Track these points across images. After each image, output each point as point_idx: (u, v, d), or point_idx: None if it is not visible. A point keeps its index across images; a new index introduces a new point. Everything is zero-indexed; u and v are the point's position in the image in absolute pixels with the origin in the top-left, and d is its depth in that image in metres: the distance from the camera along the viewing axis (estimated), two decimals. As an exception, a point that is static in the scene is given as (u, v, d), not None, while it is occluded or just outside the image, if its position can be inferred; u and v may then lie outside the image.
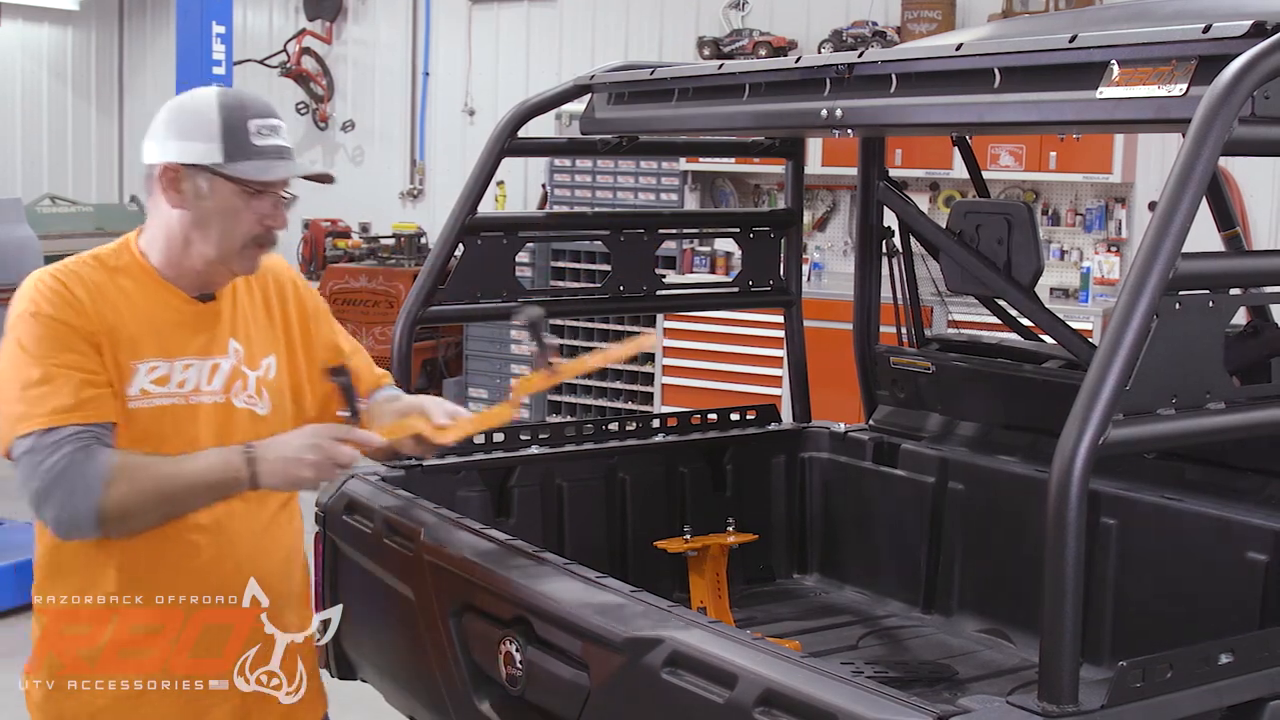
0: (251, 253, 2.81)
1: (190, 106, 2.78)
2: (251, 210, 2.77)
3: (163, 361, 2.76)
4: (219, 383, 2.82)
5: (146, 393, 2.73)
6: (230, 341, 2.86)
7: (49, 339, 2.66)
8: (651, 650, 2.55)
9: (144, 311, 2.77)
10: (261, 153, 2.76)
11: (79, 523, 2.62)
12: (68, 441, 2.60)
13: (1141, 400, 2.16)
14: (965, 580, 4.09)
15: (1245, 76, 2.17)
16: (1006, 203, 4.31)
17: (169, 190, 2.75)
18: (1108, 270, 9.41)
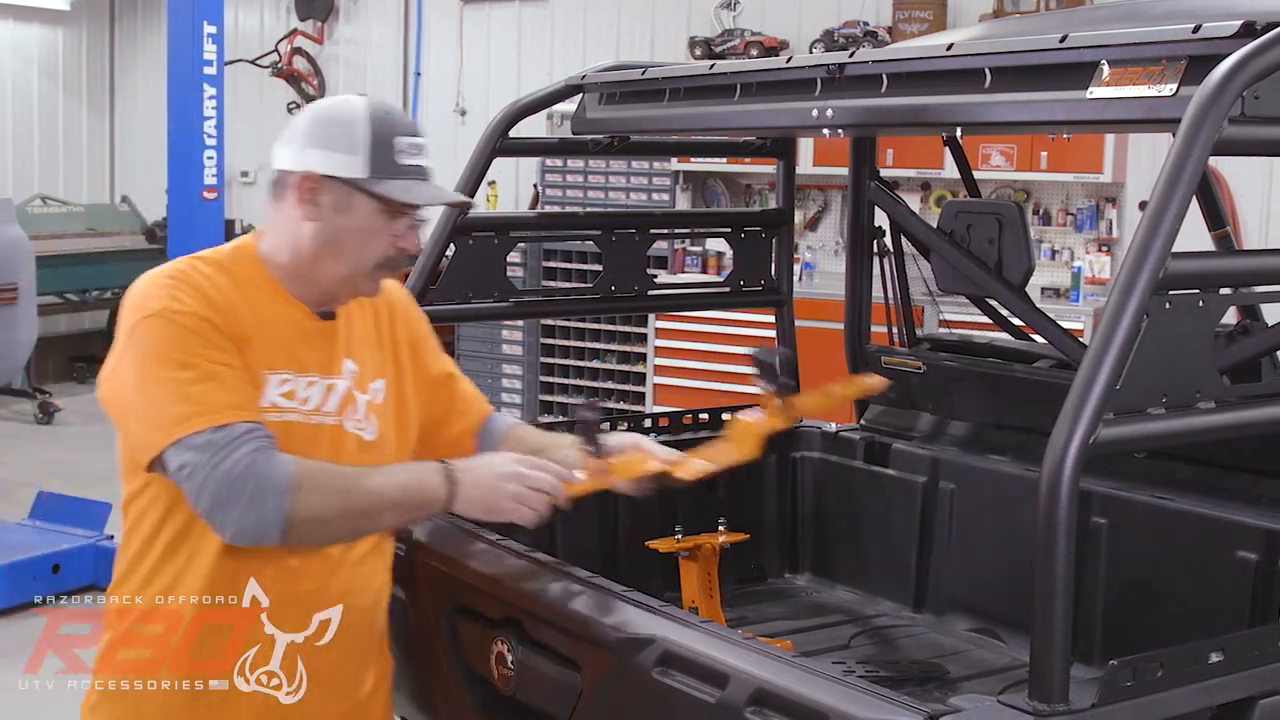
0: (380, 274, 2.71)
1: (336, 116, 2.66)
2: (388, 231, 2.65)
3: (292, 375, 2.65)
4: (333, 404, 2.71)
5: (277, 406, 2.61)
6: (345, 362, 2.75)
7: (193, 337, 2.52)
8: (643, 650, 2.55)
9: (270, 322, 2.64)
10: (406, 172, 2.64)
11: (265, 530, 2.46)
12: (245, 440, 2.46)
13: (1132, 400, 2.16)
14: (956, 580, 4.10)
15: (1235, 76, 2.18)
16: (997, 202, 4.32)
17: (305, 201, 2.62)
18: (1098, 270, 9.42)
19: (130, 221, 13.14)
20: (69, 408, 12.11)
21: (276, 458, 2.48)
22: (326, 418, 2.69)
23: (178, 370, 2.49)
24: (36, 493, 7.96)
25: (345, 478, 2.56)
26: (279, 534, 2.47)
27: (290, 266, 2.67)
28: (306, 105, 2.80)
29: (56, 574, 7.06)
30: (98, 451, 10.71)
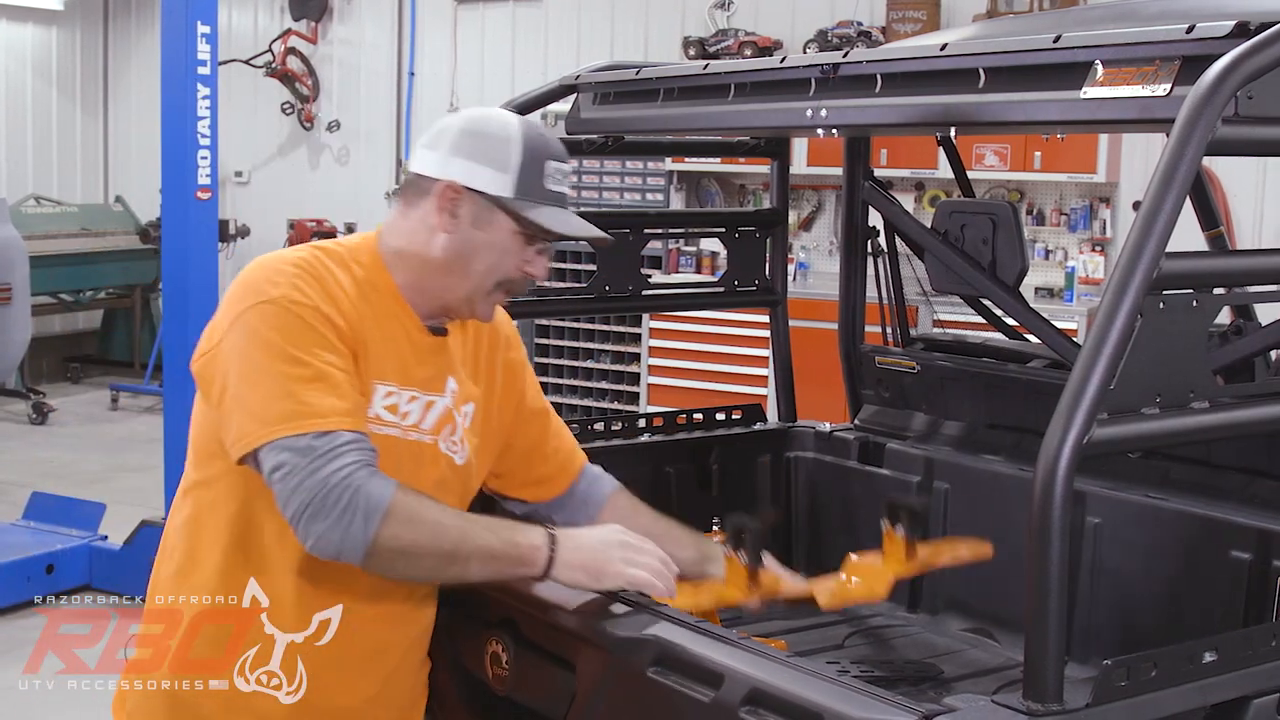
0: (497, 297, 2.64)
1: (489, 129, 2.59)
2: (519, 254, 2.60)
3: (397, 388, 2.58)
4: (431, 422, 2.64)
5: (380, 419, 2.54)
6: (449, 380, 2.69)
7: (310, 333, 2.45)
8: (638, 650, 2.54)
9: (384, 328, 2.58)
10: (551, 198, 2.59)
11: (348, 549, 2.37)
12: (348, 451, 2.37)
13: (1126, 400, 2.17)
14: (950, 579, 4.09)
15: (1228, 76, 2.18)
16: (991, 202, 4.32)
17: (443, 211, 2.56)
18: (1092, 270, 9.44)
19: (124, 221, 13.13)
20: (63, 408, 12.11)
21: (378, 477, 2.39)
22: (424, 435, 2.63)
23: (289, 365, 2.41)
24: (30, 493, 7.96)
25: (443, 516, 2.46)
26: (361, 556, 2.39)
27: (413, 274, 2.61)
28: (456, 112, 2.70)
29: (50, 574, 7.06)
30: (92, 452, 10.74)
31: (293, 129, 13.65)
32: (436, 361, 2.66)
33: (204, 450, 2.59)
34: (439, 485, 2.65)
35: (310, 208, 13.01)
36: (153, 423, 11.05)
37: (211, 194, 6.90)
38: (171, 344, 7.14)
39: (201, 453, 2.60)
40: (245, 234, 12.65)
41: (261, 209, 13.38)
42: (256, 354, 2.43)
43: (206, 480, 2.60)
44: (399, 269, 2.61)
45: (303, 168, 13.72)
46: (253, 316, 2.45)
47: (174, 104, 6.88)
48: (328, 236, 12.15)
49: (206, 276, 6.97)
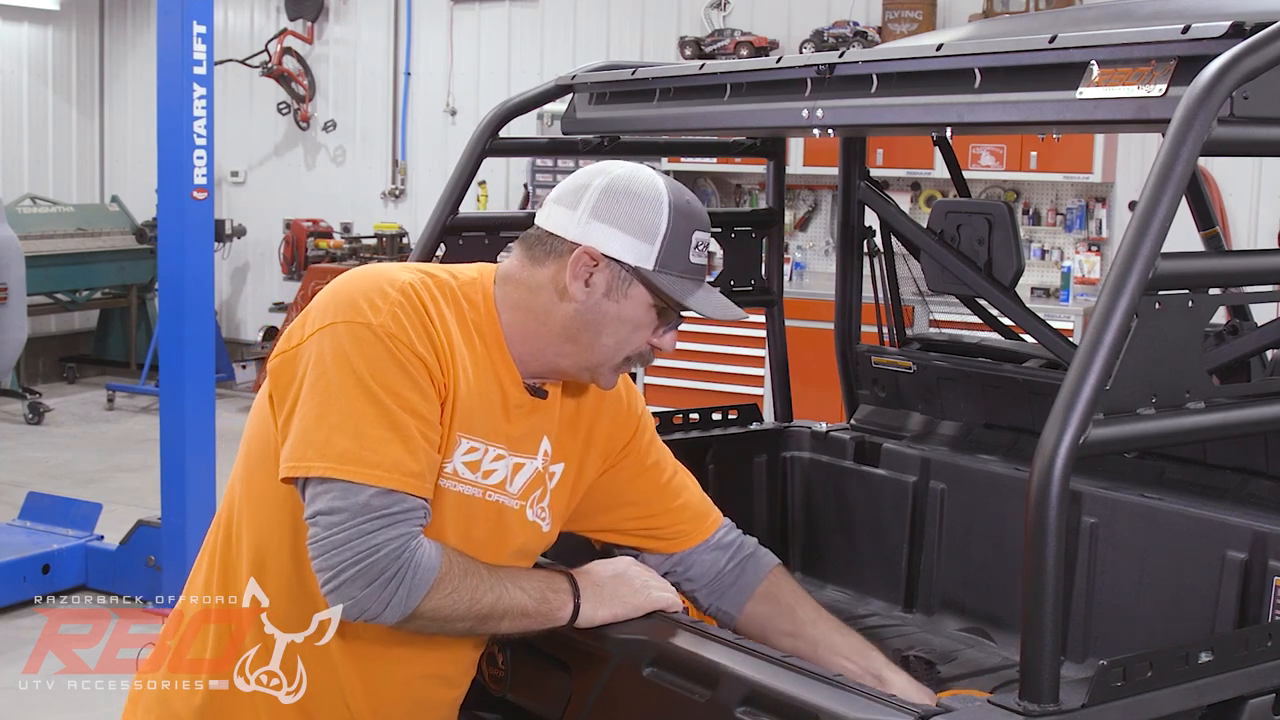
0: (623, 368, 2.49)
1: (636, 192, 2.39)
2: (650, 327, 2.43)
3: (480, 443, 2.40)
4: (518, 485, 2.49)
5: (458, 475, 2.39)
6: (543, 441, 2.52)
7: (398, 369, 2.27)
8: (634, 651, 2.54)
9: (479, 379, 2.40)
10: (695, 271, 2.42)
11: (384, 614, 2.26)
12: (405, 519, 2.23)
13: (1122, 400, 2.17)
14: (946, 579, 4.10)
15: (1224, 77, 2.18)
16: (987, 202, 4.32)
17: (577, 279, 2.38)
18: (1088, 270, 9.45)
19: (120, 221, 13.12)
20: (59, 408, 12.11)
21: (428, 548, 2.26)
22: (509, 499, 2.49)
23: (366, 400, 2.24)
24: (26, 493, 7.96)
25: (480, 582, 2.33)
26: (397, 621, 2.28)
27: (527, 332, 2.44)
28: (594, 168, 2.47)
29: (46, 574, 7.05)
30: (87, 452, 10.73)
31: (289, 129, 13.64)
32: (530, 422, 2.51)
33: (265, 453, 2.43)
34: (520, 553, 2.55)
35: (306, 208, 13.01)
36: (149, 423, 11.04)
37: (207, 194, 6.90)
38: (167, 344, 7.13)
39: (260, 455, 2.45)
40: (241, 234, 12.64)
41: (257, 209, 13.38)
42: (336, 376, 2.26)
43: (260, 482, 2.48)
44: (512, 321, 2.44)
45: (299, 168, 13.71)
46: (344, 334, 2.28)
47: (170, 104, 6.88)
48: (324, 237, 12.21)
49: (202, 277, 6.97)
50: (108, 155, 14.88)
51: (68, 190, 14.29)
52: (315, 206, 13.03)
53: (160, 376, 7.57)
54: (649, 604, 2.54)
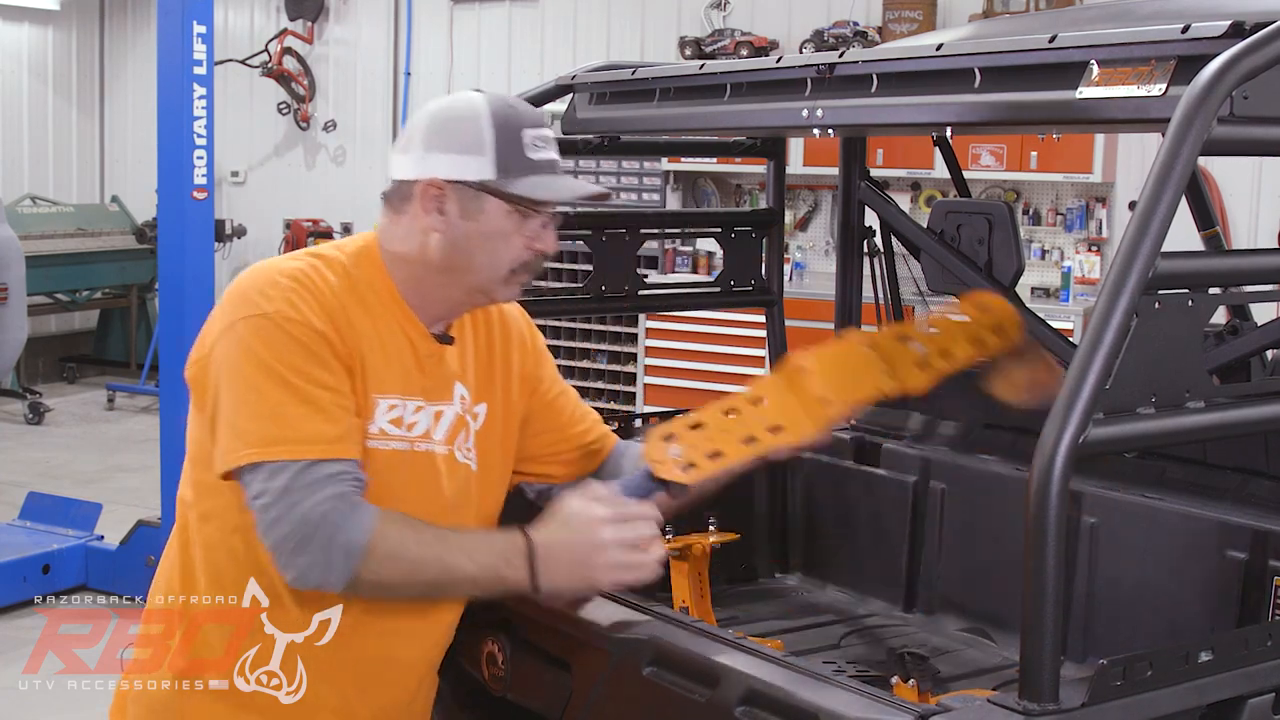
0: (516, 279, 2.54)
1: (456, 114, 2.50)
2: (522, 233, 2.49)
3: (400, 399, 2.50)
4: (442, 432, 2.57)
5: (384, 433, 2.47)
6: (456, 386, 2.61)
7: (302, 351, 2.37)
8: (634, 650, 2.55)
9: (387, 339, 2.50)
10: (538, 167, 2.48)
11: (329, 584, 2.35)
12: (329, 483, 2.32)
13: (1121, 399, 2.17)
14: (947, 579, 4.10)
15: (1224, 76, 2.18)
16: (987, 202, 4.32)
17: (430, 211, 2.47)
18: (1088, 269, 9.44)
19: (120, 221, 13.13)
20: (59, 408, 12.11)
21: (358, 512, 2.33)
22: (437, 446, 2.57)
23: (277, 385, 2.35)
24: (26, 493, 7.96)
25: (423, 549, 2.39)
26: (342, 589, 2.37)
27: (415, 277, 2.53)
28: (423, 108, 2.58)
29: (46, 574, 7.06)
30: (88, 452, 10.74)
31: (289, 129, 13.64)
32: (443, 369, 2.60)
33: (200, 458, 2.53)
34: (459, 494, 2.61)
35: (306, 208, 13.01)
36: (149, 423, 11.05)
37: (208, 194, 6.90)
38: (167, 344, 7.13)
39: (198, 460, 2.55)
40: (241, 234, 12.64)
41: (258, 209, 13.38)
42: (247, 369, 2.37)
43: (205, 484, 2.55)
44: (400, 275, 2.54)
45: (299, 168, 13.71)
46: (244, 329, 2.40)
47: (170, 104, 6.88)
48: (324, 237, 12.21)
49: (202, 277, 6.97)
50: (108, 155, 14.88)
51: (68, 190, 14.29)
52: (315, 206, 13.03)
53: (160, 376, 7.58)
54: (611, 587, 2.50)
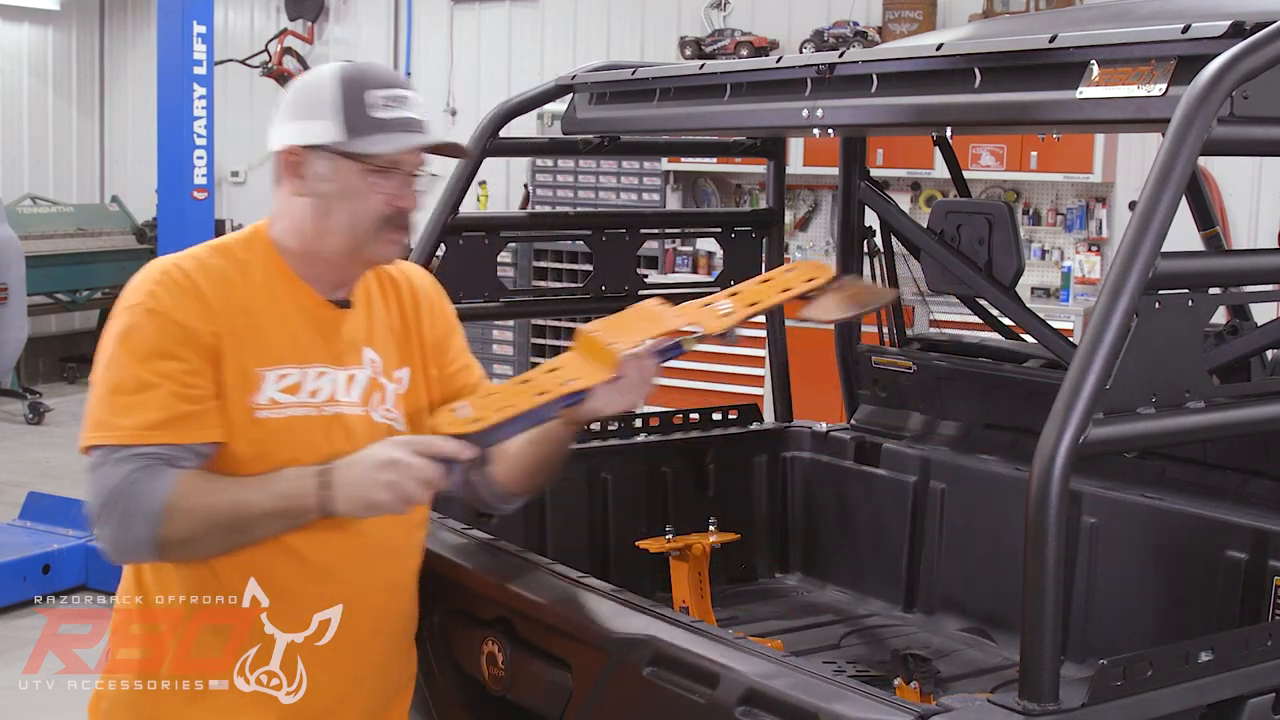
0: (386, 237, 2.57)
1: (307, 83, 2.59)
2: (378, 190, 2.53)
3: (294, 368, 2.55)
4: (356, 394, 2.62)
5: (276, 402, 2.52)
6: (365, 351, 2.66)
7: (156, 340, 2.46)
8: (634, 650, 2.55)
9: (275, 311, 2.57)
10: (385, 125, 2.52)
11: (137, 551, 2.45)
12: (134, 459, 2.41)
13: (1121, 399, 2.17)
14: (947, 579, 4.10)
15: (1224, 76, 2.18)
16: (987, 202, 4.32)
17: (291, 176, 2.56)
18: (1088, 269, 9.44)
19: (120, 221, 13.12)
20: (59, 408, 12.10)
21: (158, 478, 2.41)
22: (348, 408, 2.60)
23: (119, 374, 2.46)
24: (26, 493, 7.95)
25: (215, 496, 2.44)
26: (150, 555, 2.47)
27: (297, 248, 2.59)
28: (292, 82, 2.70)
29: (47, 574, 7.05)
30: (88, 452, 10.72)
31: (289, 129, 13.63)
32: (345, 336, 2.65)
33: None
34: None
35: (306, 208, 13.00)
36: (149, 423, 11.02)
37: (208, 194, 6.90)
38: (168, 344, 7.11)
39: None
40: (241, 234, 12.62)
41: (258, 209, 13.29)
42: (104, 359, 2.50)
43: None
44: (285, 247, 2.60)
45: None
46: (114, 323, 2.52)
47: (170, 104, 6.88)
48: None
49: (203, 276, 6.95)
50: (108, 155, 14.88)
51: (68, 190, 14.29)
52: (315, 206, 13.02)
53: (160, 376, 7.54)
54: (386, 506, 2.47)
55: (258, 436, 2.51)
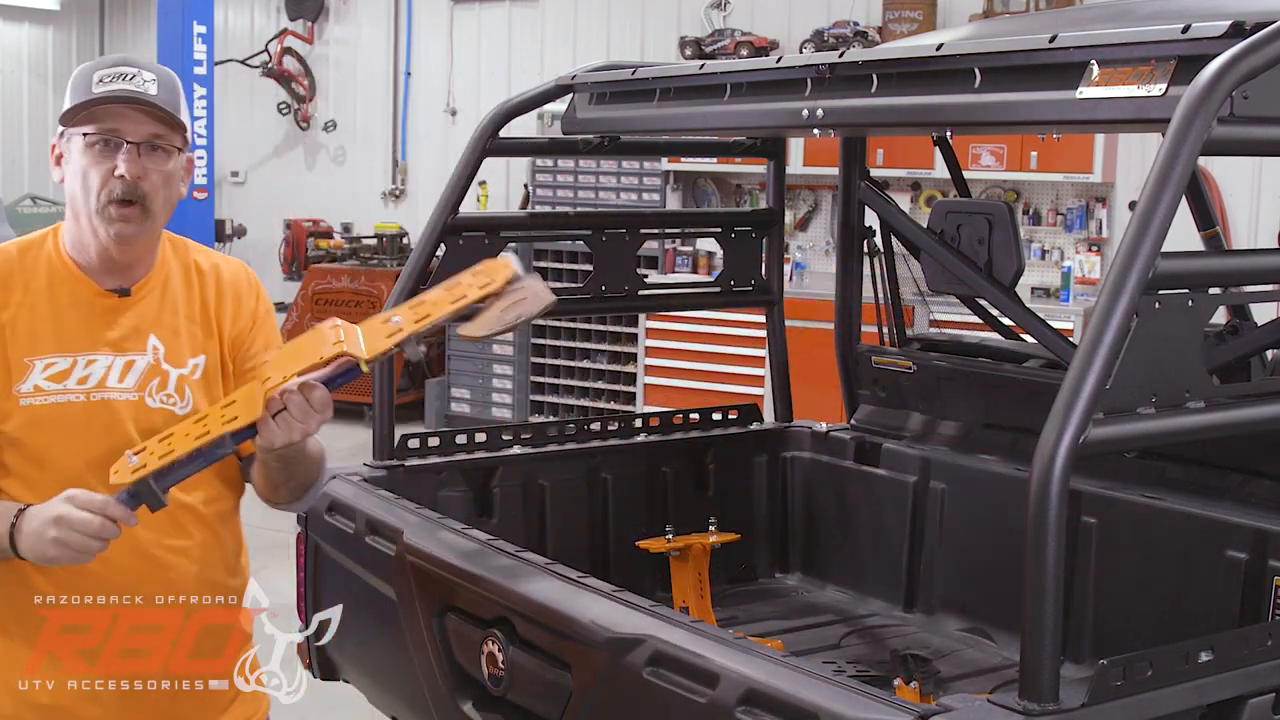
0: (110, 212, 2.56)
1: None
2: (100, 162, 2.55)
3: (61, 357, 2.62)
4: (132, 380, 2.66)
5: (40, 389, 2.59)
6: (150, 337, 2.70)
7: None
8: (634, 650, 2.55)
9: (49, 304, 2.64)
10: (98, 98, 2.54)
11: None
12: None
13: (1121, 399, 2.17)
14: (947, 579, 4.10)
15: (1224, 76, 2.18)
16: (987, 202, 4.32)
17: (57, 164, 2.64)
18: (1088, 269, 9.43)
19: (118, 221, 13.11)
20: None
21: None
22: (118, 394, 2.64)
23: None
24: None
25: None
26: None
27: (72, 238, 2.65)
28: None
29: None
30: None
31: (289, 129, 13.63)
32: (128, 322, 2.68)
33: None
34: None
35: (306, 208, 12.99)
36: (149, 423, 11.02)
37: (208, 194, 6.92)
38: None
39: None
40: (242, 234, 12.64)
41: (258, 209, 13.37)
42: None
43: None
44: (68, 239, 2.66)
45: (299, 168, 13.71)
46: None
47: (170, 104, 6.87)
48: (325, 236, 12.21)
49: (203, 276, 6.96)
50: (108, 155, 14.87)
51: (68, 190, 14.29)
52: (315, 206, 13.01)
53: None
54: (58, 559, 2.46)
55: (22, 421, 2.57)
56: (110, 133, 2.55)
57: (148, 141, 2.58)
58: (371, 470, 3.74)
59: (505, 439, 4.09)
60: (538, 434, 4.19)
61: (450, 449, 3.94)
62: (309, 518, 3.64)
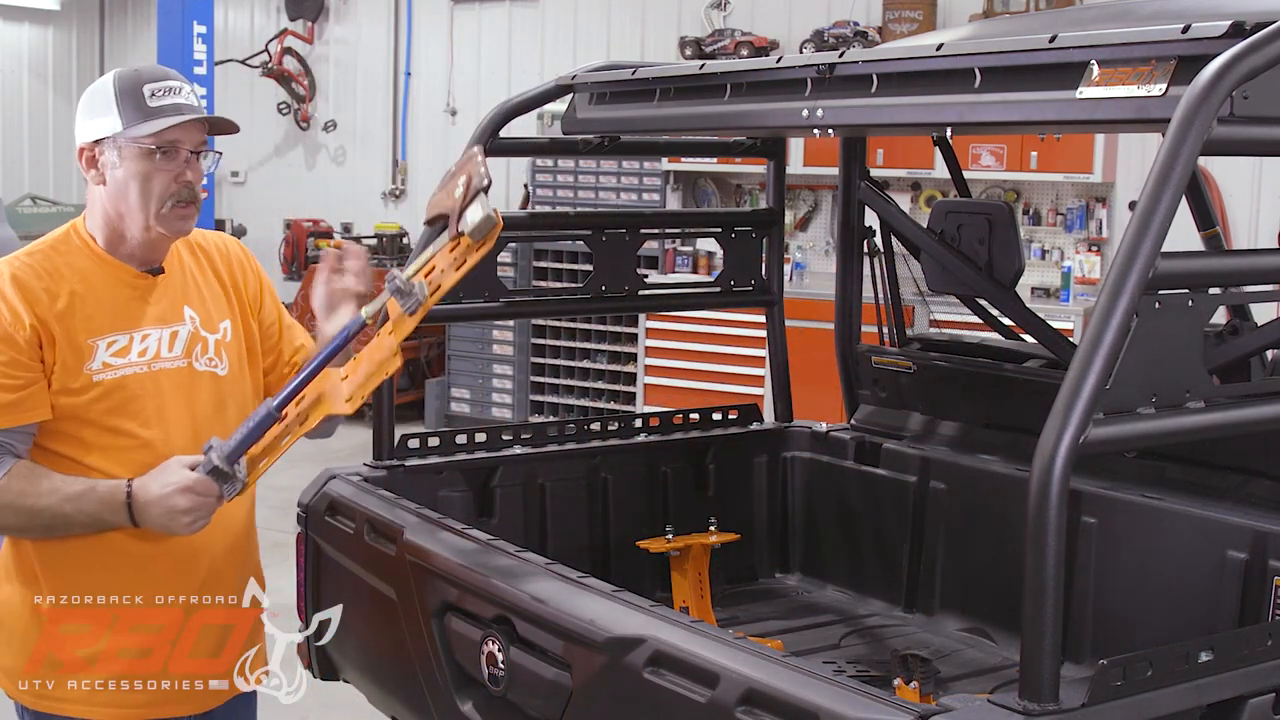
0: (176, 212, 2.87)
1: (94, 89, 2.92)
2: (163, 170, 2.83)
3: (121, 335, 2.87)
4: (179, 348, 2.95)
5: (109, 365, 2.84)
6: (185, 309, 2.99)
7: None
8: (634, 650, 2.55)
9: (98, 290, 2.87)
10: (158, 112, 2.83)
11: None
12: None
13: (1121, 399, 2.17)
14: (947, 579, 4.10)
15: (1224, 76, 2.18)
16: (987, 202, 4.32)
17: (89, 169, 2.88)
18: (1088, 269, 9.44)
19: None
20: (59, 408, 12.07)
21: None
22: (171, 362, 2.93)
23: None
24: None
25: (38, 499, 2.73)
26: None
27: (106, 231, 2.90)
28: None
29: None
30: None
31: (289, 129, 13.64)
32: (166, 297, 2.97)
33: None
34: (215, 395, 2.99)
35: (307, 208, 13.00)
36: (149, 423, 11.00)
37: (207, 194, 6.90)
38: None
39: None
40: (242, 234, 12.63)
41: (258, 209, 13.37)
42: None
43: None
44: (97, 235, 2.92)
45: (299, 168, 13.71)
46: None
47: (170, 104, 6.87)
48: (325, 236, 12.22)
49: (203, 276, 6.97)
50: (108, 155, 14.86)
51: (68, 190, 14.28)
52: (315, 206, 13.01)
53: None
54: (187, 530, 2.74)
55: (97, 395, 2.82)
56: (171, 144, 2.83)
57: (198, 149, 2.90)
58: (371, 470, 3.74)
59: (505, 439, 4.09)
60: (538, 434, 4.19)
61: (450, 449, 3.94)
62: (309, 518, 3.64)
